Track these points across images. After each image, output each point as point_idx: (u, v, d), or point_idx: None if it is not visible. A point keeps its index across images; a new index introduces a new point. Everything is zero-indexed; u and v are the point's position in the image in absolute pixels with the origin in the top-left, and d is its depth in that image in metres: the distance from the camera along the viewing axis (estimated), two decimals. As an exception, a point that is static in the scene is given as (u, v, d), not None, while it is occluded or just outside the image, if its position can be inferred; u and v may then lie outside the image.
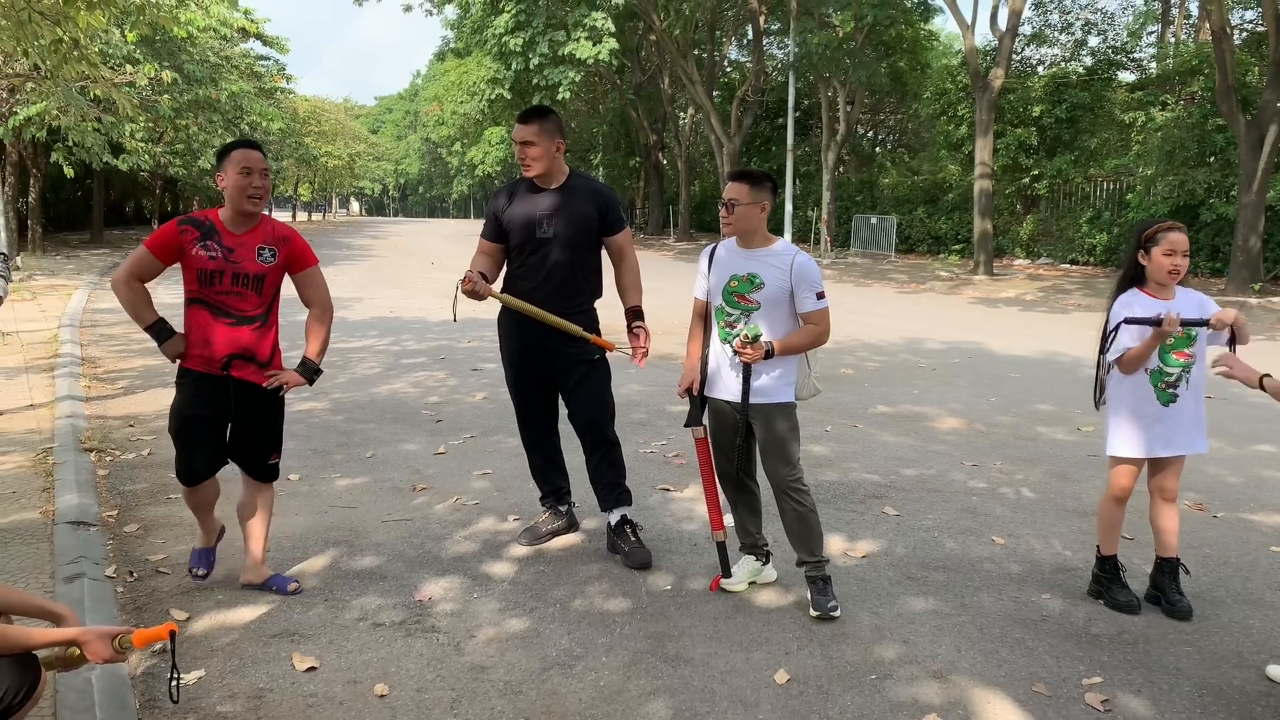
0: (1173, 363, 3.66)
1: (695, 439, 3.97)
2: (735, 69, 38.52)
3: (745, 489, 3.96)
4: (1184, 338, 3.64)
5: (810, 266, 3.70)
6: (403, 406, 7.35)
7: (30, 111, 17.30)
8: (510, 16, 27.76)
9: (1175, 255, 3.60)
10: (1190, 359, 3.67)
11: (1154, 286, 3.70)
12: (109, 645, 2.31)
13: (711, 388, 3.88)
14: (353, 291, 16.68)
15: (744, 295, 3.72)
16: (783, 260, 3.70)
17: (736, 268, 3.76)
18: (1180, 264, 3.61)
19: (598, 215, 4.14)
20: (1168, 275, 3.63)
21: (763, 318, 3.70)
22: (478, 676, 3.21)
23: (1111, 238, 21.26)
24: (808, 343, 3.73)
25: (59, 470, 5.26)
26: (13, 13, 6.87)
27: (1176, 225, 3.67)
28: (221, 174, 3.59)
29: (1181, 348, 3.65)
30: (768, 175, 3.79)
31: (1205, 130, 18.52)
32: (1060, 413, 7.49)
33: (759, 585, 3.99)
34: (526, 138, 4.05)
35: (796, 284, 3.67)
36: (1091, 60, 24.68)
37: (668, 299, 15.81)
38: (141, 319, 3.65)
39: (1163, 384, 3.69)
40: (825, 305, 3.71)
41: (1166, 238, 3.62)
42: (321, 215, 78.01)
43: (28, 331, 10.87)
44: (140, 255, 3.60)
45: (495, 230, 4.23)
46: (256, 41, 29.67)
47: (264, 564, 3.89)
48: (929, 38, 32.14)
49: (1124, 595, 3.79)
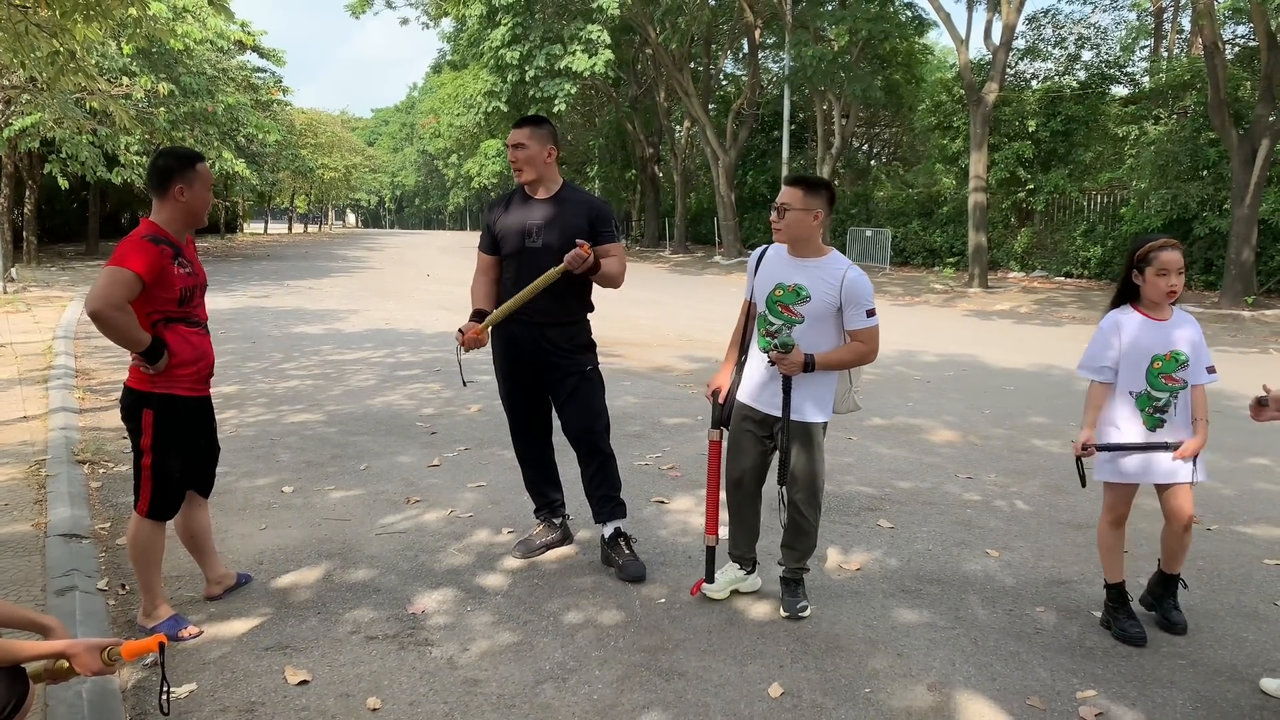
0: (1161, 386, 3.57)
1: (709, 440, 3.96)
2: (731, 82, 38.67)
3: (749, 502, 3.95)
4: (1170, 360, 3.55)
5: (862, 282, 3.57)
6: (397, 419, 7.34)
7: (25, 122, 17.32)
8: (507, 29, 27.87)
9: (1170, 275, 3.50)
10: (1178, 383, 3.57)
11: (1148, 305, 3.62)
12: (98, 657, 2.30)
13: (744, 393, 3.84)
14: (348, 303, 16.68)
15: (788, 306, 3.63)
16: (833, 275, 3.58)
17: (784, 276, 3.66)
18: (1176, 284, 3.51)
19: (588, 227, 4.11)
20: (1165, 296, 3.54)
21: (807, 331, 3.60)
22: (471, 690, 3.20)
23: (1105, 251, 21.34)
24: (852, 360, 3.64)
25: (52, 482, 5.24)
26: (10, 25, 6.88)
27: (1170, 243, 3.55)
28: (183, 186, 3.46)
29: (1170, 371, 3.56)
30: (825, 182, 3.65)
31: (1198, 144, 18.62)
32: (1054, 425, 7.50)
33: (753, 598, 3.98)
34: (518, 140, 4.10)
35: (846, 301, 3.57)
36: (1085, 75, 24.83)
37: (663, 311, 15.85)
38: (139, 342, 3.36)
39: (1150, 409, 3.60)
40: (875, 323, 3.60)
41: (1159, 258, 3.51)
42: (318, 227, 78.09)
43: (22, 343, 10.85)
44: (128, 280, 3.30)
45: (490, 242, 4.25)
46: (253, 54, 29.76)
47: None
48: (924, 52, 32.29)
49: (1133, 628, 3.63)
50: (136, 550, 3.55)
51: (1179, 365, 3.56)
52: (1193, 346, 3.57)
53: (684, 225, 37.08)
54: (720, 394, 3.94)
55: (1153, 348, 3.56)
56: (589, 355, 4.26)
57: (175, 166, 3.49)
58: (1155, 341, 3.57)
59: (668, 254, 35.45)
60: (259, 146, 31.44)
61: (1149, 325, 3.59)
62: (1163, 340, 3.57)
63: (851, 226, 28.65)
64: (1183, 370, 3.57)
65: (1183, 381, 3.57)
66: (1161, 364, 3.56)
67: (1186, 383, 3.58)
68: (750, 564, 4.02)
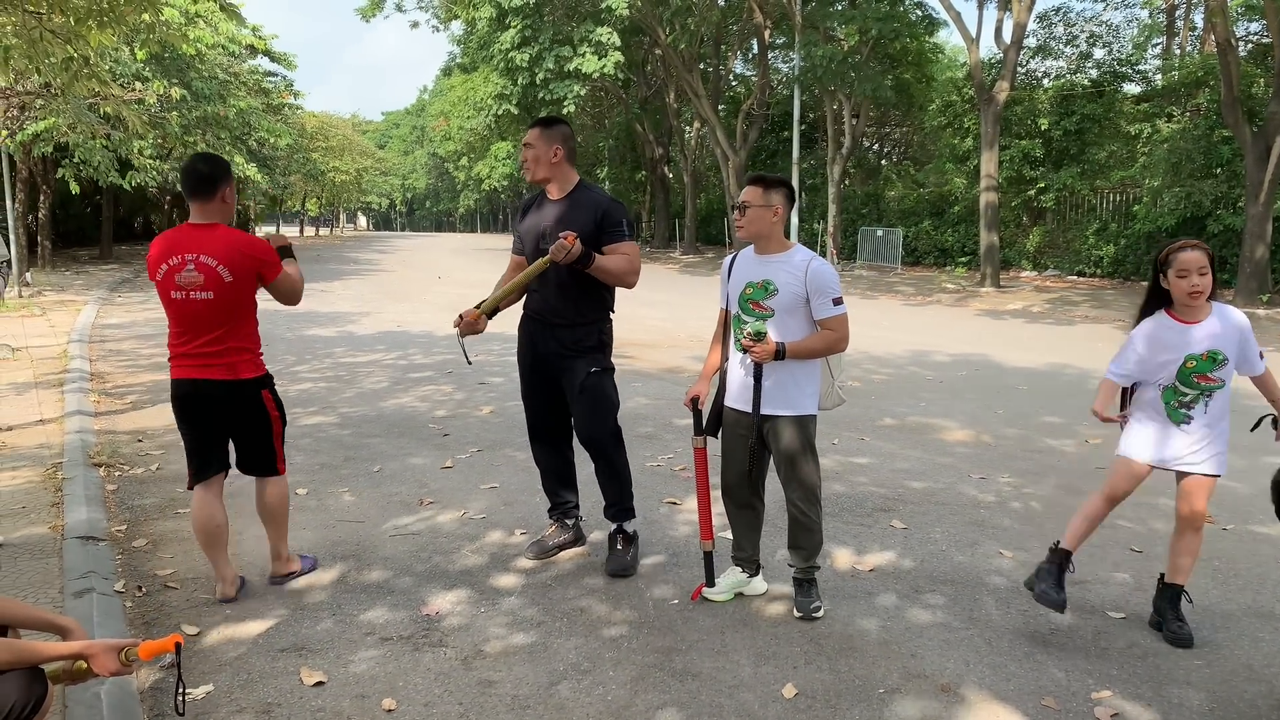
0: (1191, 384, 3.56)
1: (694, 448, 3.98)
2: (740, 83, 38.63)
3: (748, 505, 3.94)
4: (1207, 360, 3.53)
5: (825, 271, 3.64)
6: (410, 420, 7.37)
7: (39, 127, 17.43)
8: (516, 32, 27.91)
9: (1191, 276, 3.48)
10: (1214, 383, 3.55)
11: (1179, 308, 3.60)
12: (115, 658, 2.31)
13: (730, 397, 3.87)
14: (360, 306, 16.73)
15: (758, 302, 3.69)
16: (797, 266, 3.65)
17: (752, 274, 3.73)
18: (1199, 283, 3.48)
19: (596, 223, 4.09)
20: (1189, 297, 3.52)
21: (777, 324, 3.66)
22: (485, 691, 3.21)
23: (1118, 250, 21.25)
24: (823, 349, 3.68)
25: (68, 485, 5.27)
26: (25, 31, 6.93)
27: (1190, 243, 3.54)
28: (228, 189, 3.79)
29: (1205, 371, 3.54)
30: (782, 180, 3.73)
31: (1211, 142, 18.51)
32: (1068, 425, 7.47)
33: (766, 599, 3.98)
34: (527, 140, 4.18)
35: (812, 290, 3.62)
36: (1097, 73, 24.72)
37: (674, 312, 15.85)
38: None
39: (1176, 402, 3.60)
40: (842, 311, 3.65)
41: (1177, 259, 3.51)
42: (329, 230, 78.34)
43: (37, 347, 10.92)
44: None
45: (519, 244, 4.34)
46: (264, 58, 29.88)
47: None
48: (934, 51, 32.25)
49: (1055, 593, 3.58)
50: (284, 505, 4.06)
51: (1216, 365, 3.54)
52: (1236, 344, 3.54)
53: (694, 226, 37.06)
54: (700, 401, 3.95)
55: (1185, 347, 3.55)
56: (597, 357, 4.22)
57: (221, 171, 3.77)
58: (1186, 341, 3.56)
59: (678, 255, 35.45)
60: (270, 150, 31.57)
61: (1180, 330, 3.58)
62: (1194, 340, 3.55)
63: (863, 226, 28.59)
64: (1220, 369, 3.54)
65: (1219, 381, 3.55)
66: (1196, 363, 3.54)
67: (1224, 382, 3.56)
68: (753, 567, 4.02)
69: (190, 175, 3.71)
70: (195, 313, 3.69)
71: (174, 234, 3.75)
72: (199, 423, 3.85)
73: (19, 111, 15.54)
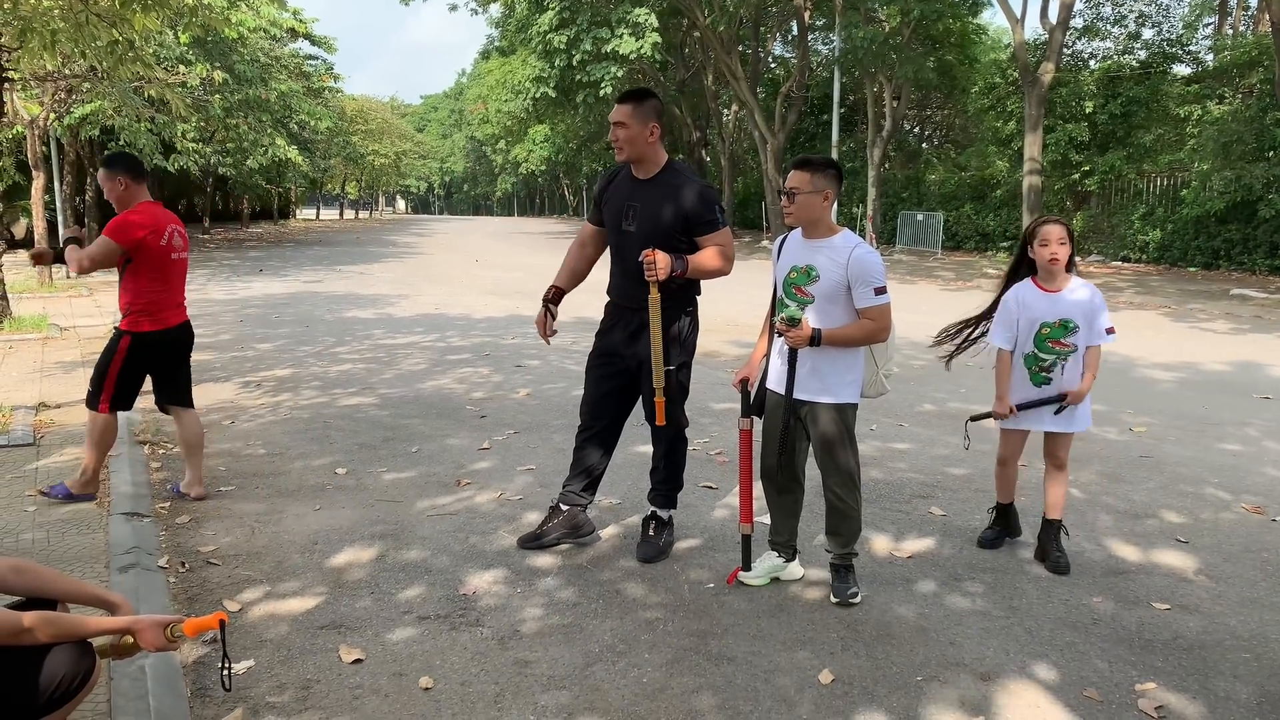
0: (1048, 350, 4.07)
1: (740, 429, 3.95)
2: (780, 65, 38.29)
3: (786, 490, 3.92)
4: (1059, 327, 4.02)
5: (869, 259, 3.55)
6: (447, 402, 7.41)
7: (85, 110, 17.71)
8: (554, 14, 27.87)
9: (1051, 245, 3.97)
10: (1068, 348, 4.04)
11: (1042, 276, 4.09)
12: (161, 634, 2.35)
13: (770, 380, 3.85)
14: (399, 288, 16.85)
15: (800, 287, 3.65)
16: (840, 253, 3.58)
17: (797, 258, 3.68)
18: (1057, 252, 3.97)
19: (683, 217, 3.92)
20: (1048, 264, 4.00)
21: (817, 310, 3.62)
22: (521, 670, 3.22)
23: (1165, 235, 20.80)
24: (861, 338, 3.61)
25: (114, 462, 5.37)
26: (71, 15, 7.03)
27: (1051, 219, 4.07)
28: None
29: (1058, 337, 4.04)
30: (829, 160, 3.63)
31: (1264, 124, 18.03)
32: (1111, 412, 7.34)
33: (803, 584, 3.96)
34: (618, 118, 3.90)
35: (854, 278, 3.54)
36: (1145, 54, 24.14)
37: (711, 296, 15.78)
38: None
39: (1037, 367, 4.12)
40: (885, 301, 3.57)
41: (1039, 232, 4.04)
42: (369, 213, 78.97)
43: (85, 326, 11.13)
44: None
45: (597, 215, 4.23)
46: (305, 41, 30.11)
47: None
48: (977, 31, 31.65)
49: (989, 535, 4.43)
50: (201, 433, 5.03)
51: (1068, 331, 4.04)
52: (1085, 313, 4.03)
53: (731, 210, 36.88)
54: (750, 383, 3.91)
55: (1043, 315, 4.06)
56: (673, 353, 4.04)
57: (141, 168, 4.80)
58: (1045, 310, 4.06)
59: (715, 239, 35.24)
60: (311, 133, 31.87)
61: (1041, 296, 4.08)
62: (1052, 308, 4.04)
63: (903, 210, 28.29)
64: (1072, 335, 4.04)
65: (1072, 346, 4.05)
66: (1049, 330, 4.05)
67: (1076, 347, 4.06)
68: (790, 551, 3.99)
69: (136, 162, 4.71)
70: (182, 270, 4.85)
71: (154, 208, 4.67)
72: (173, 359, 4.86)
73: (66, 95, 15.80)
